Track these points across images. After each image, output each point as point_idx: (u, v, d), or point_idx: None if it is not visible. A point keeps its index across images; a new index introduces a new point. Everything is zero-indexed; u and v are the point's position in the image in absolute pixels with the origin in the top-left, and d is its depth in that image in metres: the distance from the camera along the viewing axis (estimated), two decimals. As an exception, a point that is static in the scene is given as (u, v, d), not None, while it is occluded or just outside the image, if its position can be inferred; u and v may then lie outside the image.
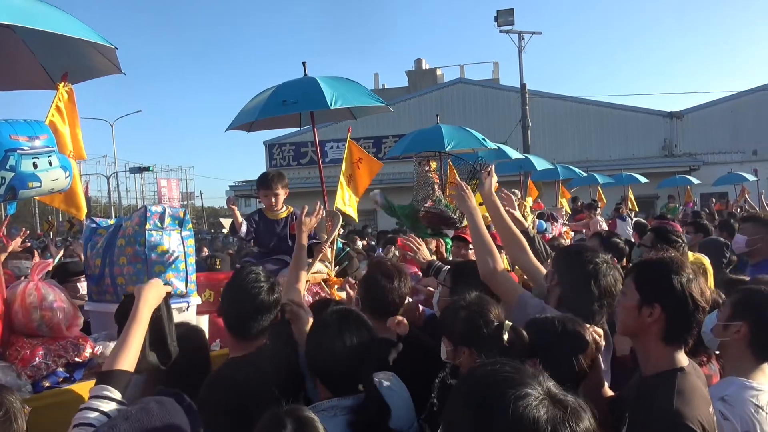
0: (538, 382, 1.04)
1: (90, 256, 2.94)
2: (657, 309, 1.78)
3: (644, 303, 1.80)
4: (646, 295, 1.81)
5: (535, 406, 0.99)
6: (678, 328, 1.78)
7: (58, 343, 2.45)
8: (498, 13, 20.58)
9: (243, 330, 2.26)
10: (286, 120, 5.89)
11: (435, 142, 6.95)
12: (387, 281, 2.61)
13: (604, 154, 25.06)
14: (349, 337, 1.91)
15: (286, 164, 27.01)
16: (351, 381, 1.90)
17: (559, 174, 13.61)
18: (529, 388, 1.02)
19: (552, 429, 0.97)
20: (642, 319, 1.81)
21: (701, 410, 1.66)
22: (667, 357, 1.79)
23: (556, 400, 1.02)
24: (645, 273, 1.88)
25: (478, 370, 1.11)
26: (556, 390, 1.05)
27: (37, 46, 3.37)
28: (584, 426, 1.01)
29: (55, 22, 2.88)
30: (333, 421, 1.81)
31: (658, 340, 1.80)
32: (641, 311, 1.81)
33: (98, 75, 3.65)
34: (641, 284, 1.85)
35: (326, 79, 4.76)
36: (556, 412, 0.99)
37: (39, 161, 2.45)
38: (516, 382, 1.03)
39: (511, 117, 22.60)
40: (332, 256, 4.38)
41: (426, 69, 37.06)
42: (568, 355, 1.83)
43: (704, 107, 25.61)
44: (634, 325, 1.85)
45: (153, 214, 2.83)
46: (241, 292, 2.28)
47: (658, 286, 1.81)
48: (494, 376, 1.06)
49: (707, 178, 19.18)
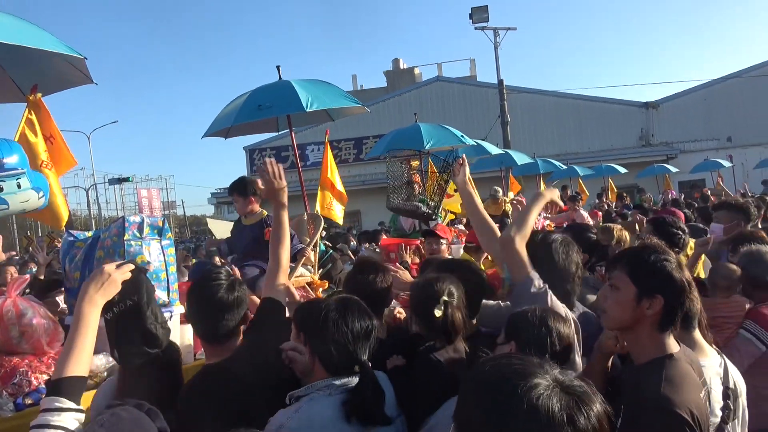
0: (545, 371, 1.05)
1: (69, 270, 2.90)
2: (658, 300, 1.75)
3: (644, 295, 1.77)
4: (645, 287, 1.77)
5: (547, 395, 1.00)
6: (674, 314, 1.77)
7: (39, 359, 2.43)
8: (472, 11, 20.69)
9: (209, 332, 2.23)
10: (264, 125, 5.88)
11: (414, 140, 6.98)
12: (362, 276, 2.65)
13: (583, 146, 25.35)
14: (351, 319, 1.94)
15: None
16: (349, 363, 1.92)
17: (540, 168, 13.74)
18: (537, 377, 1.02)
19: (567, 416, 0.98)
20: (641, 310, 1.77)
21: (691, 396, 1.64)
22: (658, 344, 1.77)
23: (565, 386, 1.03)
24: (640, 265, 1.82)
25: (484, 366, 1.11)
26: (564, 377, 1.05)
27: (5, 60, 3.32)
28: (597, 409, 1.02)
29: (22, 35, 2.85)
30: (328, 399, 1.85)
31: (653, 329, 1.78)
32: (640, 303, 1.77)
33: (70, 86, 3.61)
34: (638, 276, 1.79)
35: (301, 82, 4.76)
36: (568, 400, 1.00)
37: (5, 184, 2.41)
38: (525, 373, 1.04)
39: (489, 113, 22.75)
40: (315, 259, 4.38)
41: (404, 68, 37.12)
42: (543, 340, 1.89)
43: (679, 96, 26.02)
44: (629, 319, 1.80)
45: (131, 225, 2.80)
46: (200, 292, 2.25)
47: (657, 276, 1.77)
48: (502, 370, 1.07)
49: (684, 166, 19.53)
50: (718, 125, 24.75)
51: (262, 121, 5.53)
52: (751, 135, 23.57)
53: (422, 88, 27.61)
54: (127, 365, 2.01)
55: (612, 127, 25.53)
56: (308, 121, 6.93)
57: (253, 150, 26.86)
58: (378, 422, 1.87)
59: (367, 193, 22.44)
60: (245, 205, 4.28)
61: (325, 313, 1.95)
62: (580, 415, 0.99)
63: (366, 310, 2.04)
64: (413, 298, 2.34)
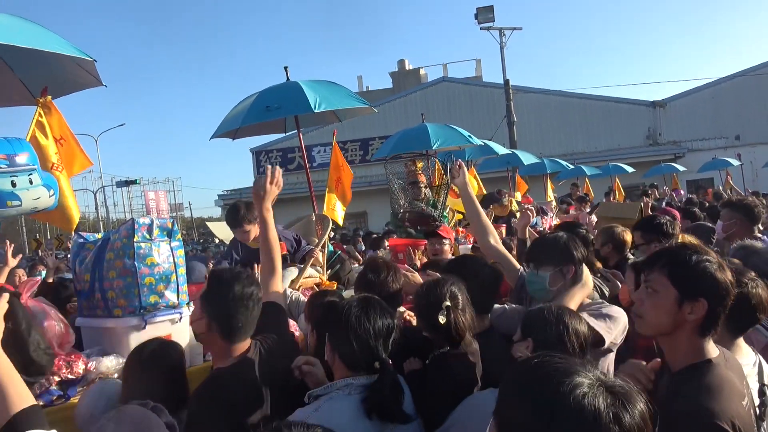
0: (588, 370, 1.05)
1: (79, 272, 2.91)
2: (702, 304, 1.66)
3: (685, 299, 1.67)
4: (688, 291, 1.68)
5: (592, 394, 0.99)
6: (716, 318, 1.69)
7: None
8: (478, 11, 20.67)
9: (229, 329, 2.13)
10: (271, 126, 5.88)
11: (421, 141, 6.97)
12: (374, 275, 2.66)
13: (590, 145, 25.25)
14: (373, 317, 1.95)
15: (273, 170, 26.93)
16: (369, 359, 1.92)
17: (547, 167, 13.69)
18: (581, 376, 1.02)
19: (614, 415, 0.98)
20: (681, 315, 1.68)
21: (732, 405, 1.55)
22: (697, 350, 1.69)
23: (608, 386, 1.03)
24: (681, 266, 1.72)
25: (526, 364, 1.12)
26: (605, 377, 1.05)
27: (15, 62, 3.34)
28: (640, 408, 1.02)
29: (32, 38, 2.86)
30: (348, 399, 1.85)
31: (694, 334, 1.69)
32: (681, 307, 1.68)
33: (79, 88, 3.63)
34: (679, 279, 1.70)
35: (309, 82, 4.76)
36: (613, 398, 1.00)
37: (18, 179, 2.42)
38: (568, 371, 1.03)
39: (496, 113, 22.71)
40: (324, 259, 4.37)
41: (409, 69, 37.13)
42: (561, 337, 1.88)
43: (686, 95, 25.90)
44: (669, 323, 1.71)
45: (141, 226, 2.81)
46: (220, 287, 2.16)
47: (701, 279, 1.68)
48: (545, 368, 1.06)
49: (692, 165, 19.40)
50: (726, 124, 24.60)
51: (269, 122, 5.53)
52: (760, 133, 23.41)
53: (428, 89, 27.61)
54: None
55: (619, 126, 25.43)
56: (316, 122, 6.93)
57: (260, 152, 26.93)
58: (397, 420, 1.86)
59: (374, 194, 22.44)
60: (244, 234, 4.04)
61: (347, 310, 1.96)
62: (625, 414, 0.99)
63: (387, 308, 2.04)
64: (417, 305, 2.33)
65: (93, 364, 2.53)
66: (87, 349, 2.73)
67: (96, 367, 2.54)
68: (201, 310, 2.16)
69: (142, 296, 2.73)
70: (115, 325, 2.73)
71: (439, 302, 2.16)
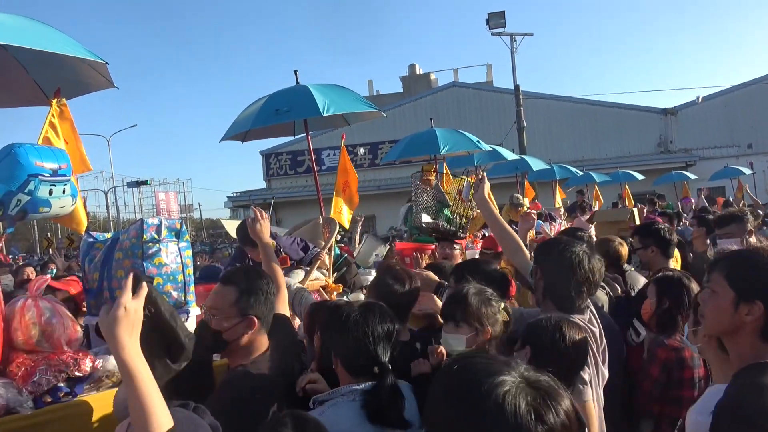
0: (512, 368, 1.04)
1: (88, 271, 2.94)
2: (758, 306, 1.65)
3: (742, 300, 1.67)
4: (744, 292, 1.68)
5: (512, 392, 0.98)
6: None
7: (59, 358, 2.45)
8: (489, 16, 20.68)
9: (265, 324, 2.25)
10: (280, 129, 5.92)
11: (430, 145, 6.98)
12: (398, 285, 2.62)
13: (599, 152, 25.14)
14: (372, 322, 1.96)
15: (283, 173, 27.06)
16: (369, 364, 1.94)
17: (556, 174, 13.66)
18: (503, 375, 1.01)
19: (535, 412, 0.97)
20: (739, 317, 1.67)
21: None
22: (759, 353, 1.67)
23: (531, 382, 1.02)
24: (739, 268, 1.73)
25: (451, 365, 1.10)
26: (530, 373, 1.04)
27: (29, 64, 3.39)
28: (565, 405, 1.00)
29: (46, 40, 2.90)
30: (352, 405, 1.86)
31: (755, 336, 1.67)
32: (738, 309, 1.68)
33: (91, 90, 3.67)
34: (736, 280, 1.70)
35: (318, 86, 4.79)
36: (535, 395, 0.99)
37: (55, 189, 2.53)
38: (490, 371, 1.03)
39: (506, 119, 22.68)
40: (330, 262, 4.39)
41: (420, 74, 37.18)
42: (557, 345, 1.89)
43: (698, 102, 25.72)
44: (728, 324, 1.71)
45: (150, 227, 2.84)
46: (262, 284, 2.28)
47: (757, 281, 1.68)
48: (468, 369, 1.06)
49: (704, 173, 19.25)
50: (738, 132, 24.41)
51: (278, 125, 5.57)
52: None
53: (438, 94, 27.64)
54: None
55: (629, 133, 25.31)
56: (324, 126, 6.97)
57: (270, 154, 27.06)
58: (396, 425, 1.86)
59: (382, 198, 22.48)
60: (255, 251, 4.05)
61: (347, 315, 1.98)
62: (548, 411, 0.98)
63: (388, 312, 2.05)
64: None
65: (100, 362, 2.56)
66: (94, 348, 2.76)
67: (103, 366, 2.56)
68: (238, 310, 2.21)
69: (150, 296, 2.76)
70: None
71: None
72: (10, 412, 2.22)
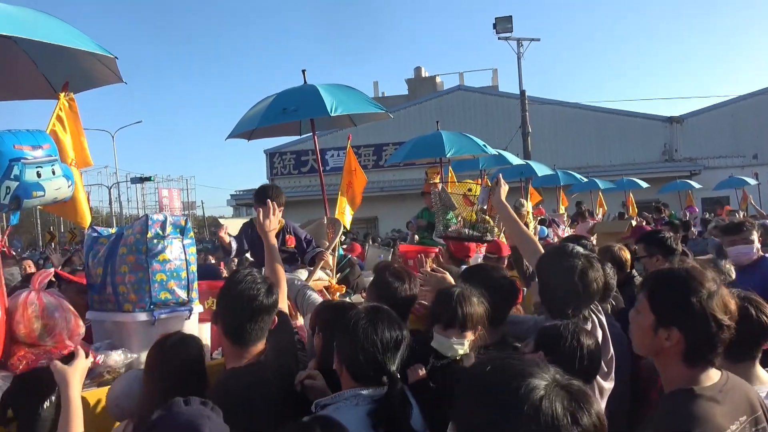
0: (543, 371, 1.05)
1: (91, 265, 2.93)
2: (674, 332, 1.60)
3: (660, 325, 1.62)
4: (662, 317, 1.63)
5: (549, 396, 0.99)
6: (700, 349, 1.60)
7: (60, 352, 2.45)
8: (496, 21, 20.69)
9: (240, 335, 2.19)
10: (287, 128, 5.91)
11: (436, 148, 6.97)
12: (398, 282, 2.61)
13: (604, 159, 25.11)
14: (381, 330, 1.92)
15: (287, 173, 27.08)
16: (377, 373, 1.90)
17: (560, 180, 13.63)
18: (537, 378, 1.02)
19: (571, 416, 0.98)
20: (659, 340, 1.63)
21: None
22: (682, 377, 1.62)
23: (564, 386, 1.03)
24: (659, 291, 1.68)
25: (483, 366, 1.11)
26: (561, 377, 1.05)
27: (38, 57, 3.39)
28: (596, 407, 1.02)
29: (55, 33, 2.90)
30: (355, 410, 1.83)
31: (677, 361, 1.62)
32: (657, 333, 1.63)
33: (99, 84, 3.66)
34: (656, 304, 1.66)
35: (326, 86, 4.78)
36: (569, 399, 1.01)
37: (42, 170, 2.46)
38: (524, 373, 1.03)
39: (511, 123, 22.66)
40: (334, 263, 4.37)
41: (425, 77, 37.19)
42: (573, 353, 1.86)
43: (704, 112, 25.69)
44: (650, 346, 1.68)
45: (154, 223, 2.83)
46: (238, 294, 2.20)
47: (674, 307, 1.61)
48: (501, 371, 1.06)
49: (708, 183, 19.21)
50: (744, 142, 24.36)
51: (284, 124, 5.56)
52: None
53: (444, 97, 27.65)
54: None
55: (634, 141, 25.27)
56: (330, 126, 6.96)
57: (274, 154, 27.09)
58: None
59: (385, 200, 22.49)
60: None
61: (355, 321, 1.93)
62: (582, 414, 0.99)
63: (396, 319, 2.01)
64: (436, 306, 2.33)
65: (101, 357, 2.55)
66: (96, 343, 2.76)
67: (104, 361, 2.56)
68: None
69: (153, 292, 2.74)
70: (124, 320, 2.75)
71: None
72: (10, 405, 2.21)
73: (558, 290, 2.34)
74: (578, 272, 2.32)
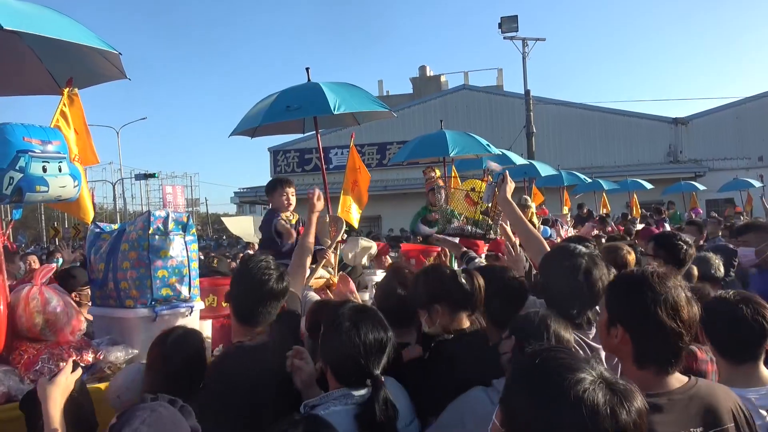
0: (592, 367, 1.13)
1: (94, 261, 2.94)
2: (620, 330, 1.61)
3: (610, 323, 1.65)
4: (612, 315, 1.66)
5: (592, 390, 1.07)
6: (647, 351, 1.58)
7: (61, 347, 2.45)
8: (502, 20, 20.65)
9: (249, 316, 2.29)
10: (290, 126, 5.90)
11: (439, 147, 6.94)
12: (403, 290, 2.60)
13: (608, 160, 25.03)
14: (364, 332, 1.90)
15: (290, 171, 27.08)
16: (361, 376, 1.90)
17: (564, 180, 13.59)
18: (584, 372, 1.10)
19: (611, 410, 1.05)
20: (611, 339, 1.65)
21: None
22: (639, 380, 1.54)
23: (609, 383, 1.10)
24: (614, 290, 1.72)
25: (533, 357, 1.19)
26: (607, 374, 1.13)
27: (43, 52, 3.39)
28: (637, 405, 1.09)
29: (60, 29, 2.90)
30: (344, 410, 1.84)
31: (630, 362, 1.63)
32: (609, 331, 1.65)
33: (104, 80, 3.67)
34: (609, 302, 1.70)
35: (330, 84, 4.77)
36: (612, 395, 1.08)
37: (49, 165, 2.47)
38: (572, 368, 1.11)
39: (515, 123, 22.61)
40: (336, 261, 4.37)
41: (430, 76, 37.14)
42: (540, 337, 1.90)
43: (709, 113, 25.57)
44: (606, 344, 1.71)
45: (156, 219, 2.83)
46: (251, 278, 2.32)
47: (621, 305, 1.64)
48: (551, 363, 1.14)
49: (713, 185, 19.12)
50: (749, 144, 24.25)
51: (288, 122, 5.55)
52: (784, 155, 23.04)
53: (448, 96, 27.60)
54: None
55: (639, 142, 25.18)
56: (334, 124, 6.95)
57: (278, 151, 27.09)
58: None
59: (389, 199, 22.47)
60: (281, 198, 4.42)
61: (339, 322, 1.91)
62: (622, 410, 1.06)
63: (381, 321, 1.99)
64: (426, 286, 2.41)
65: (102, 353, 2.56)
66: (97, 338, 2.76)
67: (105, 356, 2.56)
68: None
69: (155, 288, 2.75)
70: (126, 316, 2.75)
71: (447, 273, 2.34)
72: (11, 399, 2.23)
73: (562, 290, 2.30)
74: (582, 271, 2.28)
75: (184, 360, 2.14)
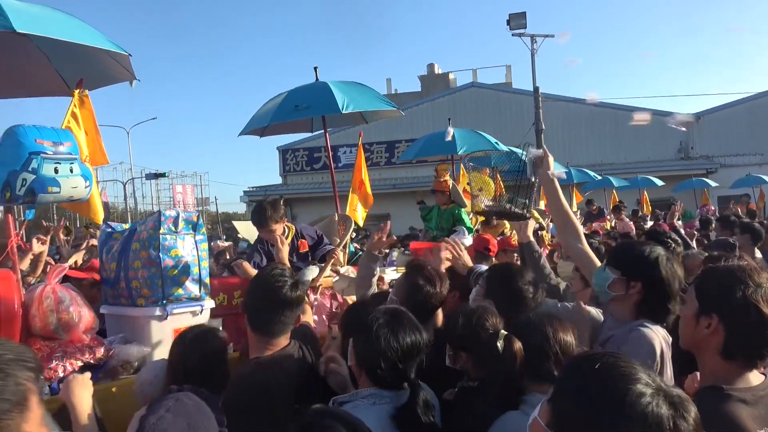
0: (649, 377, 1.10)
1: (105, 260, 2.98)
2: (715, 320, 1.61)
3: (702, 312, 1.64)
4: (705, 304, 1.65)
5: (655, 403, 1.05)
6: (739, 342, 1.59)
7: (74, 345, 2.48)
8: (510, 17, 20.51)
9: (263, 325, 2.27)
10: (299, 125, 5.93)
11: (448, 145, 6.95)
12: (430, 286, 2.57)
13: (619, 157, 24.84)
14: (401, 336, 1.91)
15: (299, 169, 27.15)
16: (397, 379, 1.90)
17: (573, 177, 13.51)
18: (643, 384, 1.08)
19: (674, 424, 1.04)
20: (699, 330, 1.64)
21: None
22: (718, 374, 1.62)
23: (668, 394, 1.08)
24: (706, 281, 1.71)
25: (589, 364, 1.15)
26: (664, 384, 1.11)
27: (53, 54, 3.43)
28: (693, 416, 1.08)
29: (70, 31, 2.94)
30: (372, 408, 1.83)
31: (716, 355, 1.62)
32: (699, 321, 1.64)
33: (113, 82, 3.71)
34: (701, 293, 1.68)
35: (338, 83, 4.78)
36: (672, 407, 1.06)
37: (60, 167, 2.51)
38: (633, 378, 1.09)
39: (524, 120, 22.48)
40: (344, 259, 4.38)
41: (438, 73, 37.05)
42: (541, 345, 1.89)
43: (721, 109, 25.28)
44: (692, 337, 1.68)
45: (167, 219, 2.86)
46: (265, 286, 2.31)
47: (717, 294, 1.64)
48: (612, 371, 1.11)
49: (725, 181, 18.91)
50: (761, 140, 23.95)
51: (296, 121, 5.58)
52: (797, 151, 22.76)
53: (456, 94, 27.50)
54: None
55: (649, 138, 24.94)
56: (342, 123, 6.97)
57: (286, 150, 27.15)
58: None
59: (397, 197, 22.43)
60: (270, 234, 3.89)
61: (376, 328, 1.91)
62: (682, 422, 1.05)
63: (416, 324, 1.99)
64: (458, 330, 2.15)
65: (114, 351, 2.59)
66: (110, 336, 2.79)
67: (117, 354, 2.59)
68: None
69: (165, 287, 2.78)
70: (137, 314, 2.79)
71: (489, 330, 2.03)
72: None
73: (660, 295, 2.18)
74: (673, 273, 2.18)
75: (203, 357, 2.17)
